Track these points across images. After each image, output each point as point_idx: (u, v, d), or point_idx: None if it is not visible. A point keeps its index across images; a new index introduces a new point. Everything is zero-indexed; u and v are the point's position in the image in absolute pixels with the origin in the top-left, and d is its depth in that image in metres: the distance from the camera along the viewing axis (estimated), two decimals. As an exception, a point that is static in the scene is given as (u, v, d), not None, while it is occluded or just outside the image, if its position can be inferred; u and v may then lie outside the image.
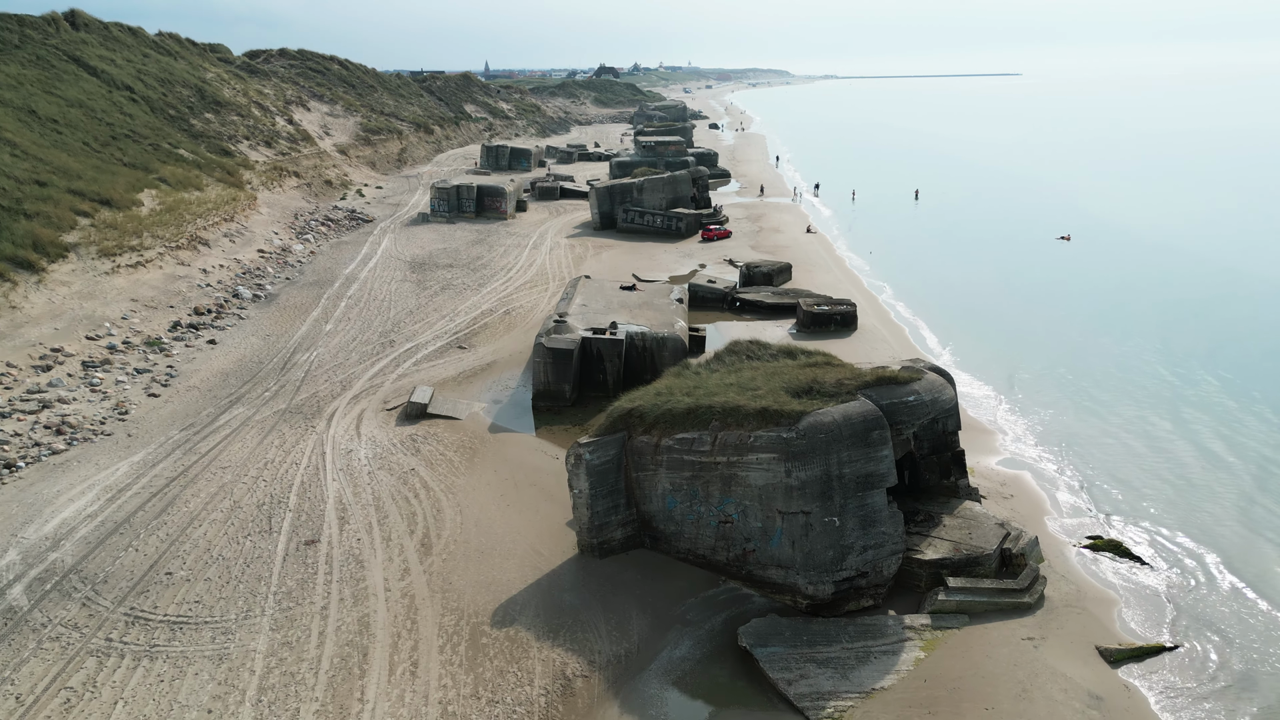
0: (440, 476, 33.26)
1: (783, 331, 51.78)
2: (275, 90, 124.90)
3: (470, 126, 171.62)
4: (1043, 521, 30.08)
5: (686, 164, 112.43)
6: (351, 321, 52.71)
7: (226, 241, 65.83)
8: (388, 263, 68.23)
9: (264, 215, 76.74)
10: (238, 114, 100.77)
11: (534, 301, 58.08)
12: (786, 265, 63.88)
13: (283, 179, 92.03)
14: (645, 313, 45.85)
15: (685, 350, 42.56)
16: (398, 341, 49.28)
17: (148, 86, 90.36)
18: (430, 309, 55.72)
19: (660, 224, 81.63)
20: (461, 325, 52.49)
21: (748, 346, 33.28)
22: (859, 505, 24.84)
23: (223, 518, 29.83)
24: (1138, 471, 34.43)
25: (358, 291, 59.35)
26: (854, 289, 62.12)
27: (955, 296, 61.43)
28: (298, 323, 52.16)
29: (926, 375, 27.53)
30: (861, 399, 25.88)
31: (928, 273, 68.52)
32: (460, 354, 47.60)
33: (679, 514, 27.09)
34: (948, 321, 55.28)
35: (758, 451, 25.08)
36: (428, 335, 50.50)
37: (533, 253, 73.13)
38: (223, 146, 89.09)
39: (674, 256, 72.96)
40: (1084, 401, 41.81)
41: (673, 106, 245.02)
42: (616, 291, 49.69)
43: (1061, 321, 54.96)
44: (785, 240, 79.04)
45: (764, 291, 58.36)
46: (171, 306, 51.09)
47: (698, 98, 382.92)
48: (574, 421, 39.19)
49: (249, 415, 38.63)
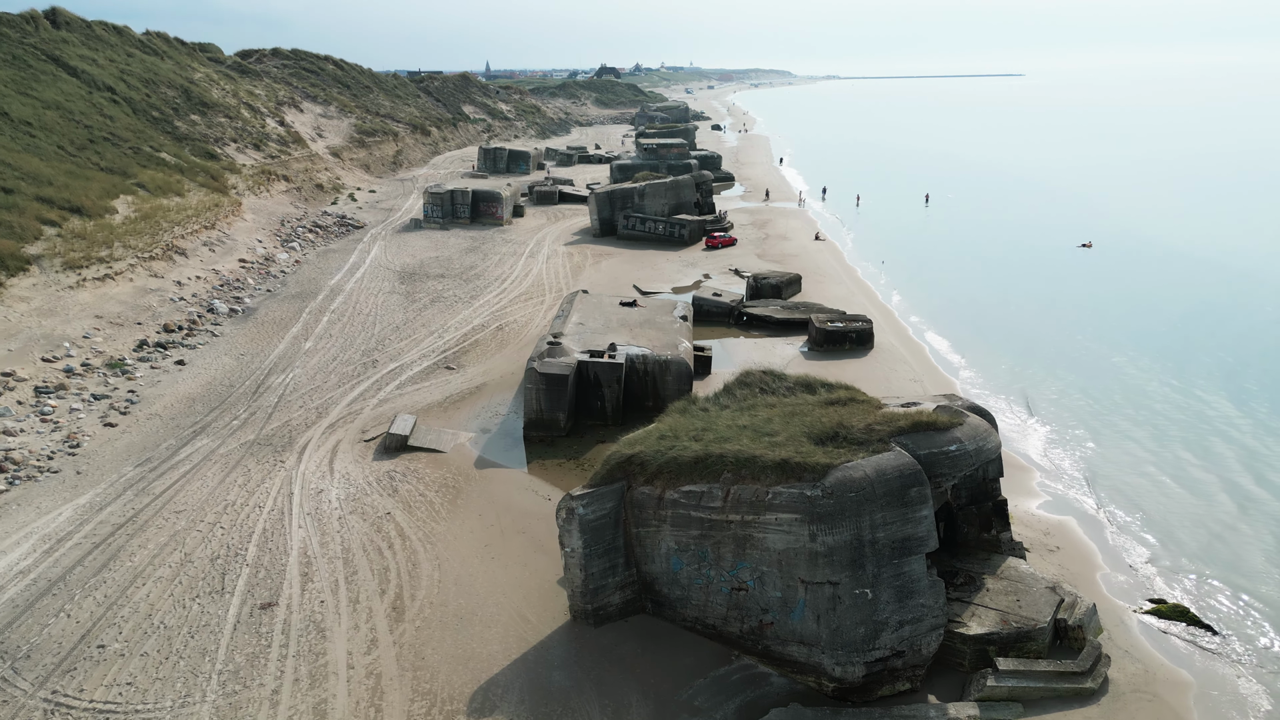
0: (419, 522, 29.88)
1: (794, 350, 48.40)
2: (267, 91, 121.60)
3: (468, 128, 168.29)
4: (1095, 581, 26.67)
5: (689, 167, 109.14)
6: (333, 339, 49.33)
7: (205, 251, 62.47)
8: (376, 273, 64.86)
9: (248, 222, 73.39)
10: (226, 115, 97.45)
11: (529, 315, 54.70)
12: (796, 277, 60.46)
13: (271, 183, 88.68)
14: (647, 332, 42.47)
15: (690, 374, 39.18)
16: (381, 361, 45.90)
17: (130, 87, 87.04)
18: (418, 324, 52.34)
19: (662, 231, 78.26)
20: (451, 343, 49.11)
21: (761, 378, 29.87)
22: (894, 574, 21.44)
23: (170, 574, 26.44)
24: (1178, 513, 31.06)
25: (342, 305, 55.97)
26: (868, 302, 58.71)
27: (974, 309, 57.99)
28: (275, 340, 48.79)
29: (968, 420, 24.11)
30: (896, 449, 22.48)
31: (944, 283, 65.09)
32: (448, 375, 44.22)
33: (685, 578, 23.71)
34: (968, 336, 51.87)
35: (777, 511, 21.69)
36: (414, 354, 47.13)
37: (529, 262, 69.78)
38: (208, 149, 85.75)
39: (677, 266, 69.60)
40: (1114, 429, 38.42)
41: (675, 107, 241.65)
42: (616, 308, 46.30)
43: (1086, 336, 51.54)
44: (793, 248, 75.63)
45: (773, 305, 54.99)
46: (139, 323, 47.72)
47: (700, 98, 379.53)
48: (569, 454, 35.84)
49: (213, 448, 35.26)
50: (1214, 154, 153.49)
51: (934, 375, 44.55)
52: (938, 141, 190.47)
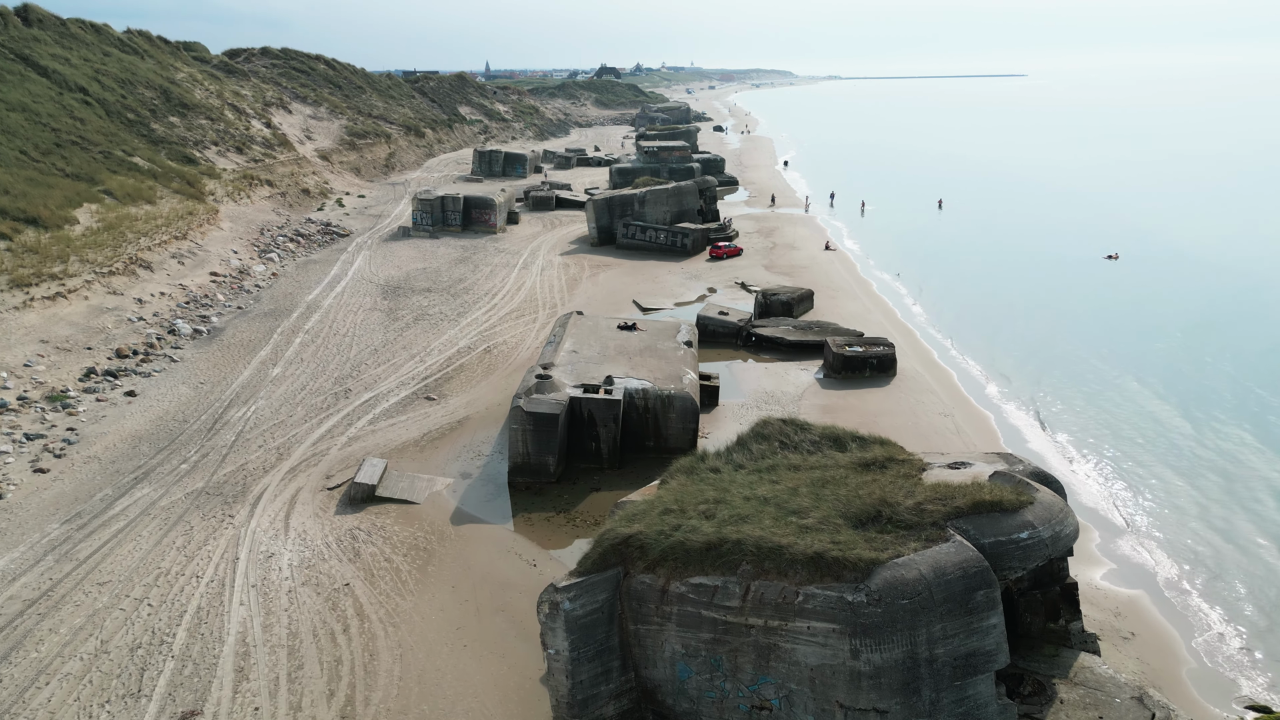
0: (381, 596, 25.64)
1: (809, 377, 44.14)
2: (254, 91, 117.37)
3: (464, 129, 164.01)
4: (1182, 679, 22.44)
5: (691, 171, 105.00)
6: (304, 364, 45.08)
7: (174, 264, 58.23)
8: (358, 287, 60.60)
9: (224, 231, 69.15)
10: (207, 117, 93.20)
11: (519, 336, 50.47)
12: (808, 292, 56.18)
13: (253, 188, 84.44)
14: (647, 361, 38.20)
15: (696, 411, 34.93)
16: (355, 391, 41.65)
17: (105, 88, 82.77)
18: (399, 346, 48.11)
19: (664, 240, 74.04)
20: (433, 368, 44.87)
21: (780, 429, 25.61)
22: (957, 699, 17.21)
23: (81, 670, 22.21)
24: (1244, 579, 26.81)
25: (318, 324, 51.71)
26: (885, 320, 54.44)
27: (1001, 328, 53.70)
28: (240, 365, 44.55)
29: (1038, 496, 19.85)
30: (955, 538, 18.24)
31: (965, 298, 60.77)
32: (427, 407, 39.97)
33: (694, 689, 19.46)
34: (998, 359, 47.59)
35: (810, 618, 17.46)
36: (391, 382, 42.88)
37: (522, 274, 65.55)
38: (186, 153, 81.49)
39: (679, 278, 65.37)
40: (1184, 471, 34.16)
41: (676, 108, 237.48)
42: (613, 332, 42.05)
43: (1127, 361, 47.25)
44: (802, 259, 71.39)
45: (784, 325, 50.73)
46: (89, 348, 43.47)
47: (701, 99, 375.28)
48: (558, 505, 31.61)
49: (154, 499, 31.02)
50: (1226, 154, 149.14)
51: (967, 409, 40.27)
52: (943, 143, 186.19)
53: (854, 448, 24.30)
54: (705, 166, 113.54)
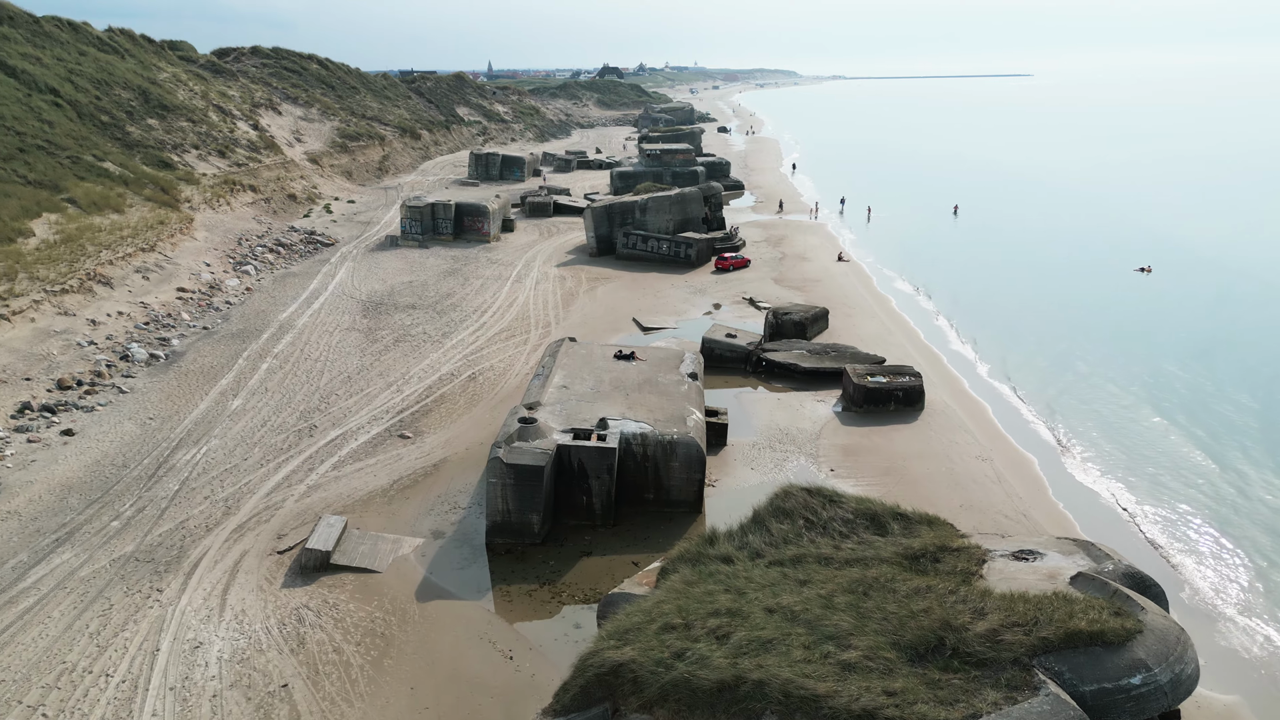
0: (324, 702, 21.33)
1: (826, 410, 39.76)
2: (242, 92, 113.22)
3: (462, 131, 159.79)
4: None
5: (695, 175, 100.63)
6: (269, 395, 40.80)
7: (138, 279, 53.99)
8: (337, 303, 56.31)
9: (198, 242, 64.92)
10: (189, 119, 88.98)
11: (507, 361, 46.16)
12: (822, 311, 51.80)
13: (234, 194, 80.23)
14: (647, 398, 33.85)
15: (702, 459, 30.59)
16: (322, 427, 37.36)
17: (78, 89, 78.58)
18: (375, 373, 43.82)
19: (666, 250, 69.69)
20: (410, 399, 40.58)
21: (805, 503, 21.28)
22: None
23: (-60, 814, 17.95)
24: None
25: (288, 347, 47.43)
26: (908, 342, 50.02)
27: (1037, 350, 49.23)
28: (198, 396, 40.28)
29: (1147, 620, 15.47)
30: (1047, 686, 13.87)
31: (994, 317, 56.29)
32: (400, 447, 35.68)
33: None
34: (1036, 388, 43.16)
35: (857, 800, 13.12)
36: (363, 416, 38.58)
37: (515, 287, 61.25)
38: (163, 157, 77.28)
39: (683, 292, 61.02)
40: (1263, 532, 29.82)
41: (679, 108, 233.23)
42: (609, 362, 37.68)
43: (1180, 392, 42.85)
44: (814, 271, 67.00)
45: (797, 348, 46.37)
46: (27, 379, 39.23)
47: (705, 99, 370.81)
48: (543, 574, 27.29)
49: (74, 567, 26.75)
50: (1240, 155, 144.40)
51: (1006, 451, 35.84)
52: (952, 143, 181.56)
53: (896, 530, 19.98)
54: (710, 170, 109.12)
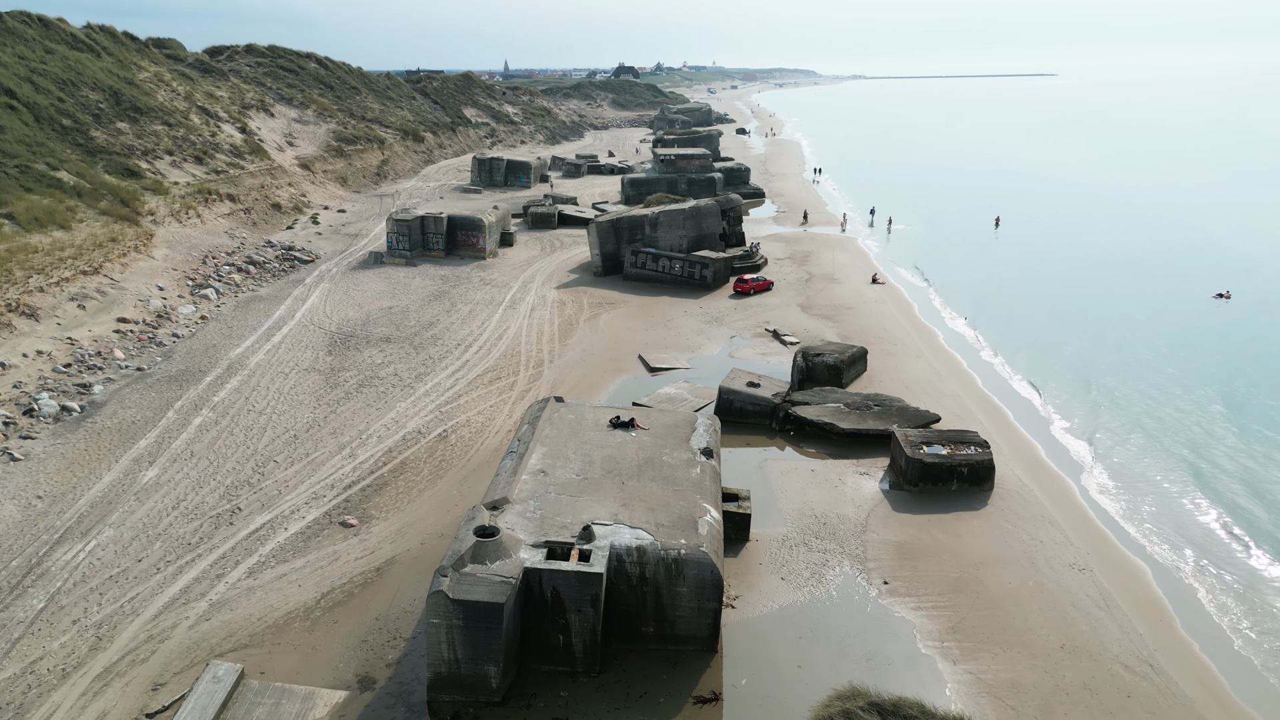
0: None
1: (873, 487, 32.21)
2: (231, 93, 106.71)
3: (469, 133, 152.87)
4: None
5: (712, 182, 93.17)
6: (193, 462, 33.68)
7: (71, 308, 47.11)
8: (301, 336, 49.23)
9: (155, 261, 58.02)
10: (165, 122, 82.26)
11: (487, 414, 38.87)
12: (860, 352, 44.18)
13: (208, 205, 73.43)
14: (648, 487, 26.39)
15: (718, 584, 23.12)
16: (247, 510, 30.18)
17: (39, 90, 72.01)
18: (327, 430, 36.64)
19: (679, 271, 62.22)
20: (363, 469, 33.36)
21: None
22: None
23: None
24: None
25: (232, 395, 40.33)
26: (963, 391, 42.27)
27: (1123, 403, 41.34)
28: (106, 464, 33.21)
29: None
30: None
31: (1061, 356, 48.34)
32: (339, 541, 28.45)
33: None
34: (1130, 457, 35.38)
35: None
36: (302, 493, 31.39)
37: (507, 315, 54.01)
38: (129, 165, 70.54)
39: (696, 321, 53.56)
40: None
41: (696, 109, 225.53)
42: (602, 432, 30.24)
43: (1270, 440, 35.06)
44: (846, 295, 59.34)
45: (832, 399, 38.79)
46: (-106, 445, 32.29)
47: (723, 99, 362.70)
48: (501, 755, 19.93)
49: None
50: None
51: (1110, 557, 28.10)
52: (982, 145, 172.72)
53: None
54: (728, 176, 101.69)
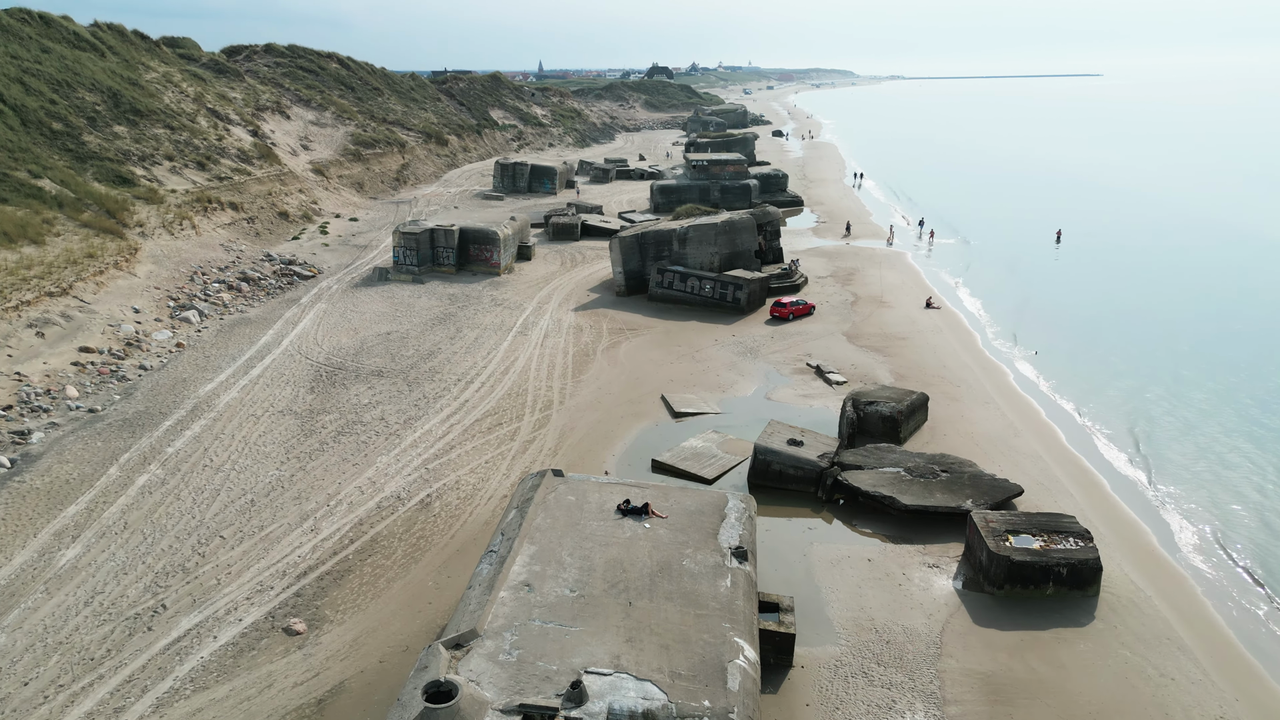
0: None
1: (945, 586, 25.91)
2: (245, 94, 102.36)
3: (495, 136, 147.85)
4: None
5: (747, 190, 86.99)
6: (125, 536, 28.25)
7: (29, 336, 42.12)
8: (284, 368, 43.86)
9: (136, 279, 53.08)
10: (167, 125, 77.75)
11: (483, 472, 33.08)
12: (921, 399, 37.74)
13: (207, 214, 68.64)
14: (662, 610, 20.36)
15: (753, 763, 17.04)
16: (175, 608, 24.63)
17: (30, 91, 67.67)
18: (290, 495, 31.07)
19: (710, 292, 56.11)
20: (325, 549, 27.71)
21: None
22: None
23: None
24: None
25: (189, 444, 34.93)
26: (1045, 452, 35.59)
27: (1245, 469, 34.62)
28: (21, 539, 27.87)
29: None
30: None
31: (1151, 398, 41.61)
32: (278, 658, 22.77)
33: None
34: (1267, 542, 28.74)
35: None
36: (245, 583, 25.80)
37: (517, 342, 48.32)
38: (122, 172, 65.91)
39: (729, 353, 47.44)
40: None
41: (731, 110, 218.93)
42: (606, 522, 24.25)
43: None
44: (897, 322, 52.87)
45: (889, 462, 32.48)
46: None
47: (759, 99, 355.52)
48: None
49: None
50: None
51: (1260, 695, 21.64)
52: (1031, 149, 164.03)
53: None
54: (764, 183, 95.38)
